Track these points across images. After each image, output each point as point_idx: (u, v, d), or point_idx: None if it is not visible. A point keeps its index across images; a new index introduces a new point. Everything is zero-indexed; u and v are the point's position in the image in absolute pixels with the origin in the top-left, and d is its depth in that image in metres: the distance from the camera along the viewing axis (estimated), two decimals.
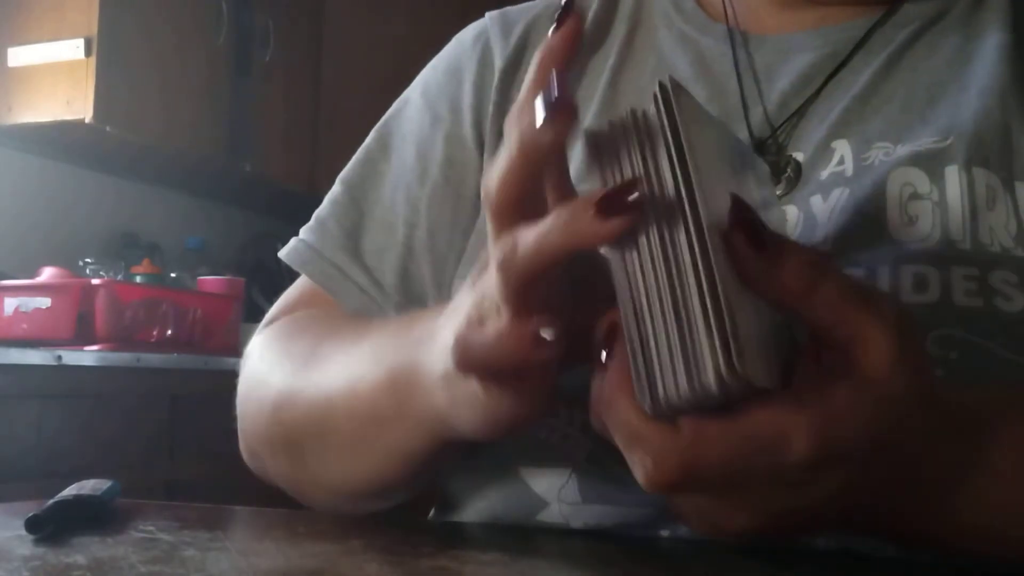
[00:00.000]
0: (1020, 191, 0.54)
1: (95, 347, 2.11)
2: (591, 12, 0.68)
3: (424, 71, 0.73)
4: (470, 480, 0.61)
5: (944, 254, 0.52)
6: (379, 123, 0.73)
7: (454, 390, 0.45)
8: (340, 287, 0.67)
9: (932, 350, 0.50)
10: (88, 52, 2.42)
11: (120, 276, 2.50)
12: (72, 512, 0.51)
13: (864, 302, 0.38)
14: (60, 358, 1.95)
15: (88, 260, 2.54)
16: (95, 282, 2.23)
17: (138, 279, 2.54)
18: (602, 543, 0.53)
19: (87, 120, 2.41)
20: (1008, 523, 0.43)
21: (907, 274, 0.52)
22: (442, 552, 0.48)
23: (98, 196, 2.84)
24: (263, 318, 0.72)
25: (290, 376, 0.61)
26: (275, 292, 0.77)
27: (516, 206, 0.39)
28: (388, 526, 0.57)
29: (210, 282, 2.68)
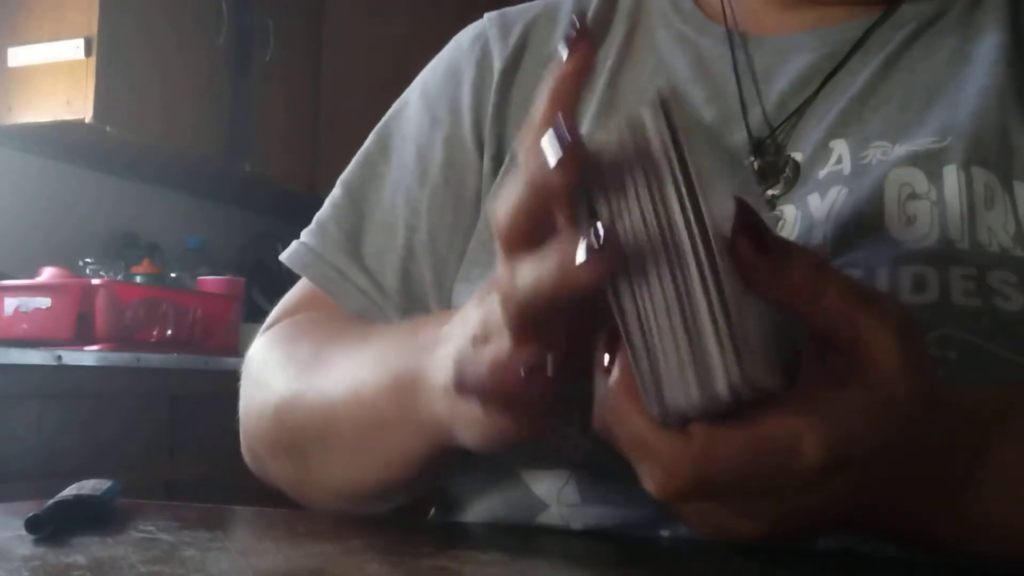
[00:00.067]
0: (1018, 191, 0.54)
1: (95, 347, 2.11)
2: (590, 11, 0.68)
3: (423, 73, 0.73)
4: (470, 482, 0.61)
5: (942, 254, 0.52)
6: (378, 125, 0.73)
7: (455, 405, 0.46)
8: (341, 290, 0.67)
9: (931, 350, 0.50)
10: (88, 52, 2.42)
11: (120, 276, 2.50)
12: (72, 512, 0.51)
13: (867, 304, 0.38)
14: (60, 358, 1.95)
15: (88, 260, 2.54)
16: (95, 282, 2.23)
17: (138, 279, 2.54)
18: (602, 543, 0.53)
19: (87, 120, 2.41)
20: (1010, 522, 0.43)
21: (906, 274, 0.52)
22: (442, 552, 0.48)
23: (98, 196, 2.84)
24: (263, 318, 0.72)
25: (293, 380, 0.61)
26: (275, 292, 0.77)
27: (523, 237, 0.39)
28: (388, 526, 0.57)
29: (210, 282, 2.68)
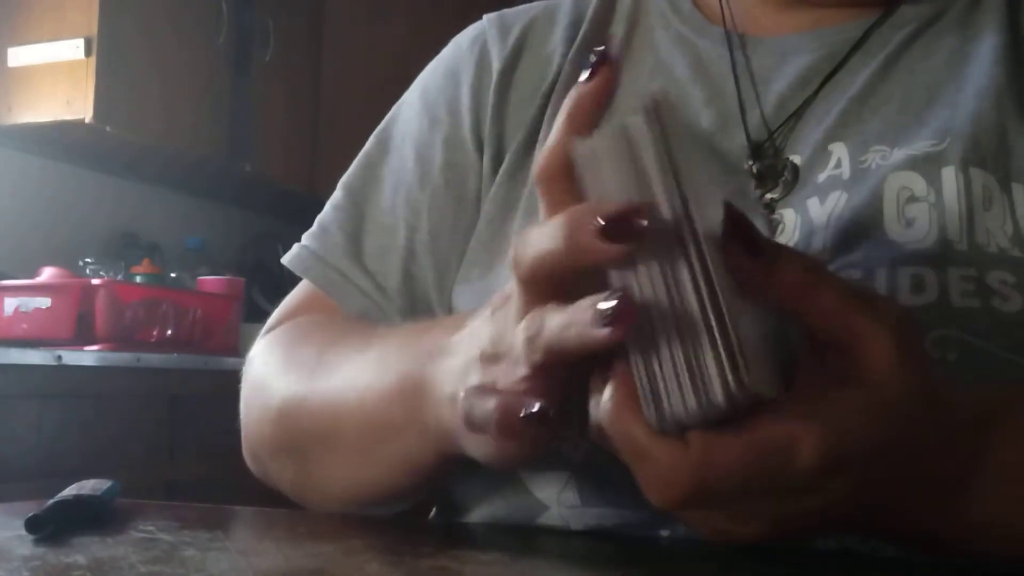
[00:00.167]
0: (1016, 192, 0.54)
1: (95, 347, 2.11)
2: (589, 11, 0.68)
3: (422, 74, 0.73)
4: (470, 484, 0.61)
5: (941, 255, 0.52)
6: (378, 127, 0.73)
7: (461, 423, 0.46)
8: (343, 291, 0.67)
9: (930, 351, 0.50)
10: (88, 52, 2.42)
11: (120, 276, 2.50)
12: (72, 512, 0.51)
13: (864, 305, 0.38)
14: (60, 358, 1.95)
15: (88, 260, 2.54)
16: (95, 282, 2.23)
17: (138, 279, 2.54)
18: (602, 543, 0.53)
19: (87, 120, 2.41)
20: (1010, 522, 0.42)
21: (904, 275, 0.52)
22: (442, 552, 0.48)
23: (98, 196, 2.84)
24: (263, 319, 0.72)
25: (295, 383, 0.61)
26: (275, 292, 0.77)
27: (548, 285, 0.39)
28: (388, 526, 0.57)
29: (210, 282, 2.68)
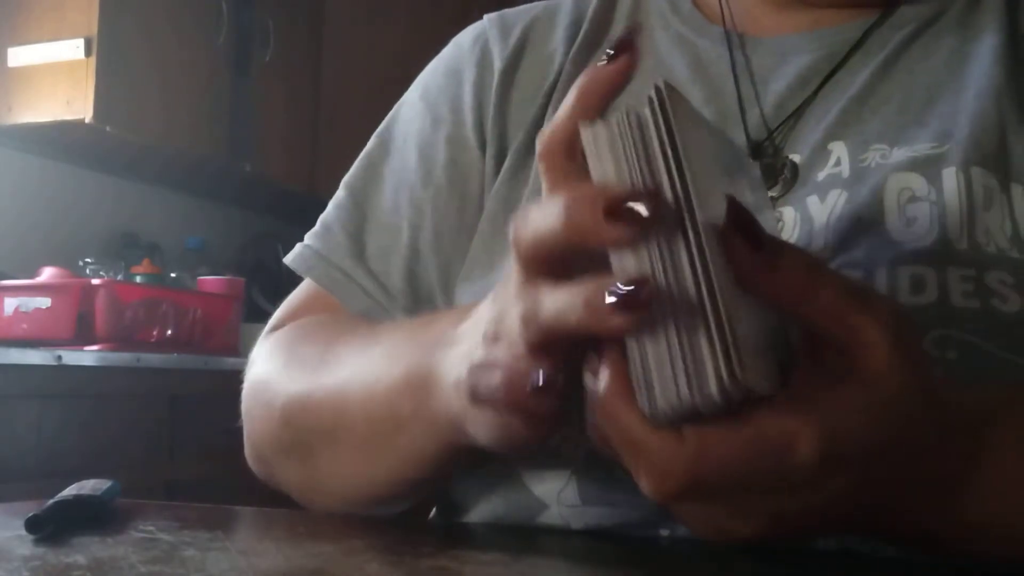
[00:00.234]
0: (1016, 192, 0.54)
1: (95, 347, 2.11)
2: (589, 11, 0.68)
3: (423, 74, 0.73)
4: (471, 483, 0.61)
5: (941, 255, 0.52)
6: (380, 127, 0.73)
7: (468, 406, 0.46)
8: (346, 291, 0.67)
9: (930, 351, 0.50)
10: (88, 52, 2.42)
11: (120, 276, 2.50)
12: (72, 512, 0.50)
13: (862, 303, 0.38)
14: (60, 358, 1.95)
15: (88, 260, 2.54)
16: (95, 282, 2.23)
17: (138, 279, 2.54)
18: (602, 543, 0.53)
19: (87, 120, 2.41)
20: (1010, 522, 0.42)
21: (904, 275, 0.52)
22: (442, 552, 0.48)
23: (98, 196, 2.84)
24: (263, 318, 0.72)
25: (299, 380, 0.61)
26: (275, 292, 0.78)
27: (550, 266, 0.39)
28: (388, 526, 0.57)
29: (210, 282, 2.68)
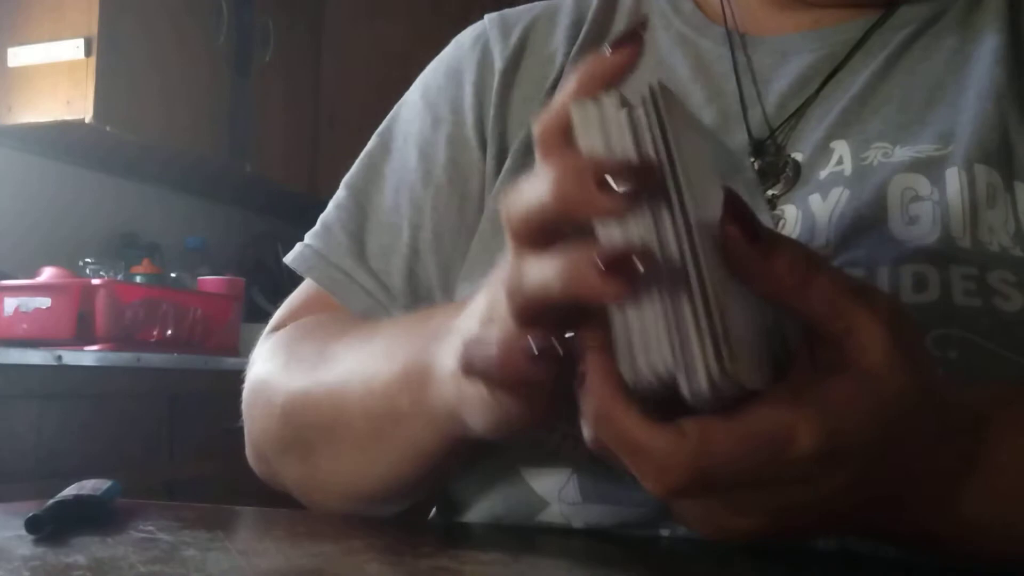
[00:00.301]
0: (1019, 191, 0.54)
1: (95, 347, 2.11)
2: (590, 11, 0.68)
3: (423, 74, 0.73)
4: (471, 481, 0.61)
5: (943, 253, 0.52)
6: (380, 127, 0.73)
7: (463, 390, 0.46)
8: (346, 291, 0.67)
9: (932, 349, 0.50)
10: (88, 52, 2.42)
11: (120, 276, 2.50)
12: (72, 512, 0.51)
13: (858, 296, 0.38)
14: (60, 358, 1.95)
15: (88, 260, 2.54)
16: (95, 282, 2.23)
17: (138, 279, 2.54)
18: (602, 543, 0.53)
19: (87, 120, 2.41)
20: (1010, 521, 0.42)
21: (907, 273, 0.52)
22: (442, 552, 0.48)
23: (98, 196, 2.84)
24: (263, 319, 0.72)
25: (298, 378, 0.61)
26: (275, 292, 0.78)
27: (533, 235, 0.39)
28: (388, 526, 0.57)
29: (210, 282, 2.68)
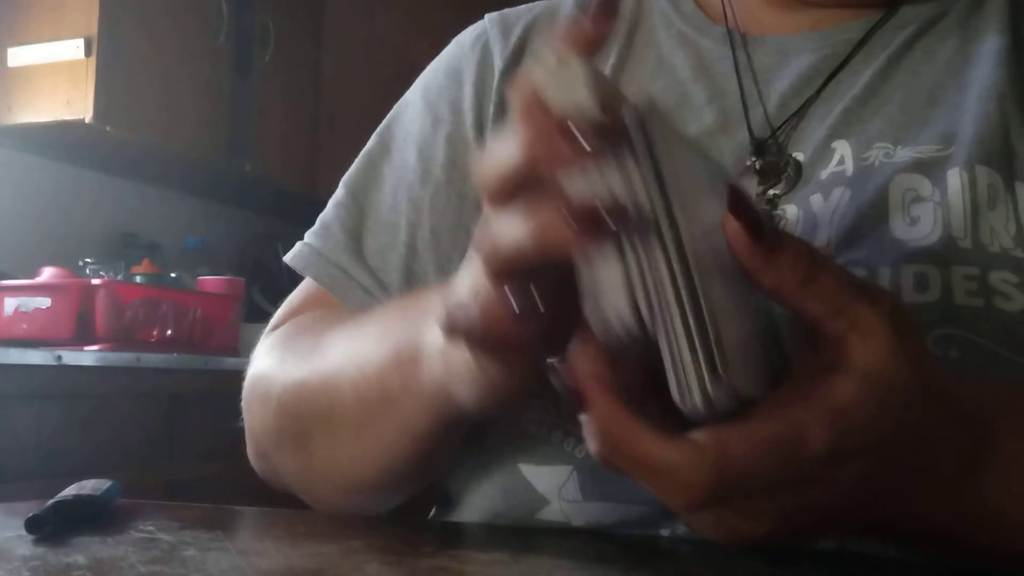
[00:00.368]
0: (1020, 192, 0.54)
1: (95, 347, 2.11)
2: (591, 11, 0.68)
3: (424, 73, 0.73)
4: (471, 478, 0.61)
5: (945, 253, 0.52)
6: (380, 126, 0.73)
7: (449, 360, 0.46)
8: (344, 288, 0.67)
9: (933, 349, 0.50)
10: (88, 52, 2.42)
11: (120, 276, 2.50)
12: (72, 512, 0.51)
13: (860, 293, 0.38)
14: (60, 358, 1.95)
15: (88, 260, 2.54)
16: (95, 282, 2.23)
17: (138, 279, 2.54)
18: (602, 543, 0.53)
19: (87, 120, 2.41)
20: (1018, 512, 0.42)
21: (908, 273, 0.52)
22: (442, 552, 0.48)
23: (98, 196, 2.84)
24: (264, 319, 0.72)
25: (294, 369, 0.61)
26: (275, 292, 0.78)
27: (505, 194, 0.39)
28: (388, 526, 0.57)
29: (210, 282, 2.68)
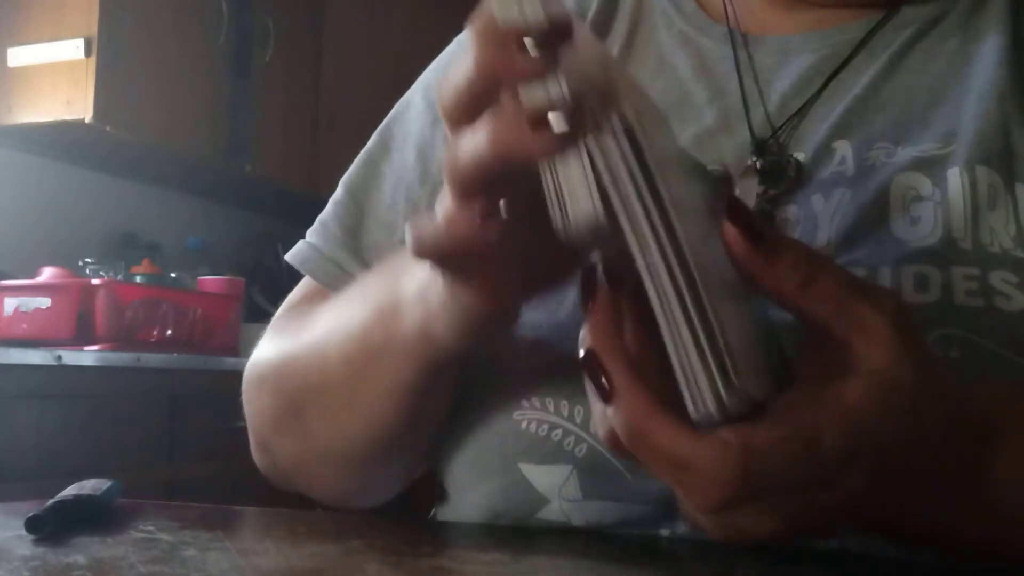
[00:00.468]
0: (1020, 193, 0.54)
1: (95, 347, 2.11)
2: (591, 11, 0.68)
3: (425, 73, 0.73)
4: (471, 477, 0.61)
5: (945, 253, 0.53)
6: (381, 125, 0.73)
7: (426, 299, 0.47)
8: (340, 283, 0.67)
9: (933, 349, 0.50)
10: (88, 52, 2.42)
11: (120, 276, 2.50)
12: (72, 512, 0.51)
13: (862, 294, 0.38)
14: (60, 358, 1.95)
15: (88, 260, 2.54)
16: (95, 282, 2.23)
17: (138, 279, 2.54)
18: (602, 543, 0.53)
19: (87, 120, 2.41)
20: (1019, 512, 0.42)
21: (908, 274, 0.52)
22: (442, 552, 0.48)
23: (98, 196, 2.84)
24: (264, 319, 0.73)
25: (284, 347, 0.63)
26: (275, 292, 0.78)
27: (464, 111, 0.38)
28: (388, 526, 0.57)
29: (210, 282, 2.68)
